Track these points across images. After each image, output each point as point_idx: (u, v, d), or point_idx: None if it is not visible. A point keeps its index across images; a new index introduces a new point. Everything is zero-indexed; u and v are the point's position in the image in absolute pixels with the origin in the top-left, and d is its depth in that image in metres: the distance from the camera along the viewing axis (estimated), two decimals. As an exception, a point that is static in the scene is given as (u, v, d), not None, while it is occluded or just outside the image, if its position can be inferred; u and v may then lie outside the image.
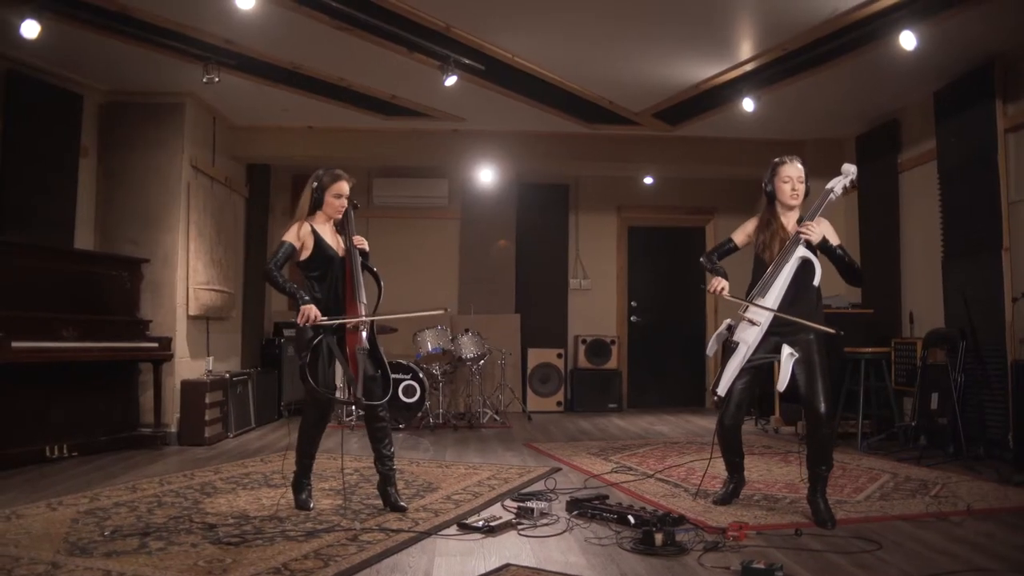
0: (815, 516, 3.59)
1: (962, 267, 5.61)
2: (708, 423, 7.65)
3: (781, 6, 4.72)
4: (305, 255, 3.80)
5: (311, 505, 3.84)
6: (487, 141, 7.56)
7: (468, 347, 7.45)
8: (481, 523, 3.49)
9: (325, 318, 3.69)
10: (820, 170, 7.47)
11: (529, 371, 8.65)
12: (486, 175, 8.22)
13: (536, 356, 8.70)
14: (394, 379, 6.39)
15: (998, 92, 5.30)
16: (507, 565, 2.95)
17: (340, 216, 3.87)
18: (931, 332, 5.66)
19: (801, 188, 3.83)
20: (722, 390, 3.74)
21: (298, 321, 3.68)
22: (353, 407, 6.46)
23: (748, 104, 5.98)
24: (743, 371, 3.75)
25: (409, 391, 7.00)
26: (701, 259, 4.08)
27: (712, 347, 3.95)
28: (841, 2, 4.63)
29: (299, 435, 3.90)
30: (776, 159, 3.91)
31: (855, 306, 6.70)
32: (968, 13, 4.66)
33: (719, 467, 4.15)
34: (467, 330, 7.59)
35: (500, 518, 3.57)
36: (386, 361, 3.88)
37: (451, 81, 5.48)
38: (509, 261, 9.04)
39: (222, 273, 6.80)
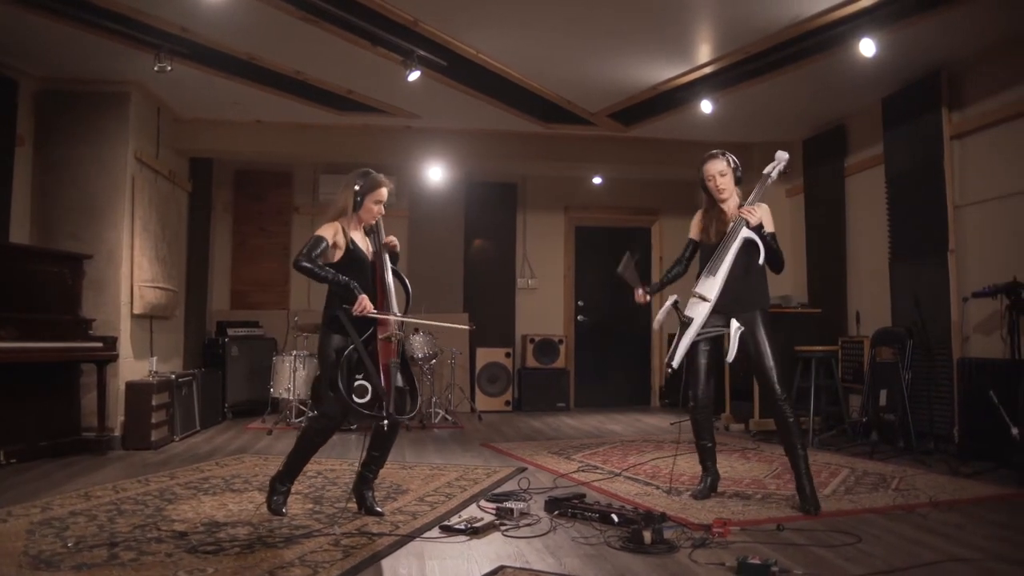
0: (801, 502, 3.71)
1: (909, 268, 5.82)
2: (658, 421, 7.75)
3: (744, 12, 4.81)
4: (337, 256, 3.61)
5: (284, 511, 3.70)
6: (440, 139, 7.48)
7: (420, 347, 7.36)
8: (463, 525, 3.43)
9: (376, 311, 3.52)
10: (768, 173, 7.79)
11: (477, 371, 8.60)
12: (436, 173, 8.14)
13: (484, 356, 8.65)
14: (360, 386, 6.37)
15: (945, 101, 5.53)
16: (502, 567, 2.91)
17: (374, 221, 3.74)
18: (879, 331, 5.86)
19: (724, 180, 3.99)
20: (676, 362, 3.84)
21: (354, 311, 3.46)
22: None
23: (706, 106, 6.08)
24: (699, 343, 3.91)
25: (361, 391, 6.84)
26: (618, 270, 4.24)
27: (657, 321, 4.10)
28: (803, 9, 4.75)
29: (300, 441, 3.70)
30: (704, 155, 4.10)
31: (803, 306, 6.89)
32: (922, 24, 4.85)
33: (685, 464, 4.20)
34: (417, 329, 7.50)
35: (481, 519, 3.52)
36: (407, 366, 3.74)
37: (414, 76, 5.40)
38: (457, 260, 8.98)
39: (166, 271, 6.54)
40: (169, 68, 5.20)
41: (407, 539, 3.29)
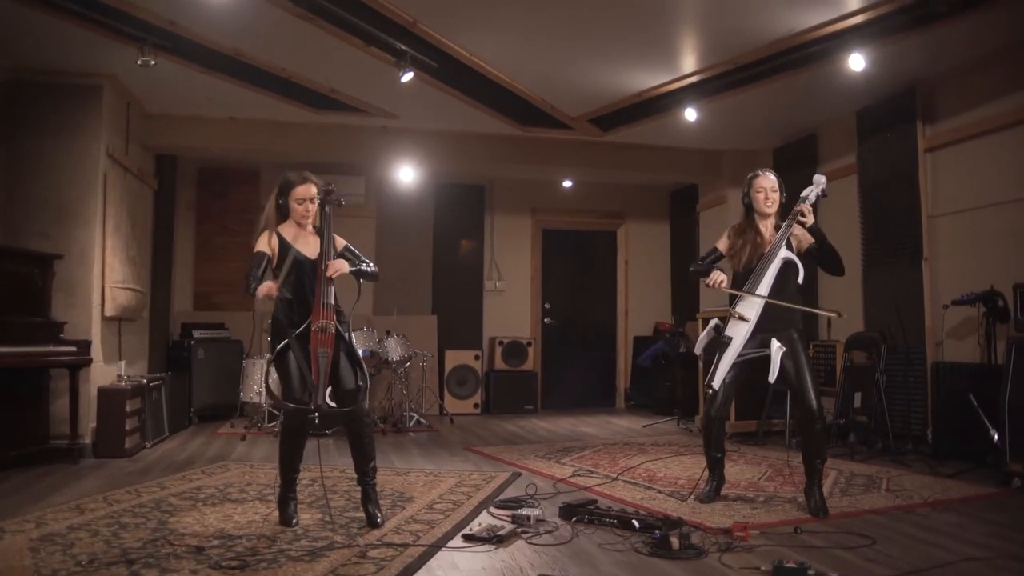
0: (810, 506, 3.81)
1: (882, 275, 6.03)
2: (629, 424, 7.84)
3: (738, 24, 4.90)
4: (276, 262, 3.61)
5: (295, 521, 3.62)
6: (414, 139, 7.40)
7: (394, 349, 7.28)
8: (486, 533, 3.42)
9: (288, 294, 3.55)
10: (739, 180, 7.89)
11: (447, 373, 8.55)
12: (407, 174, 8.05)
13: (453, 358, 8.60)
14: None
15: (919, 115, 5.75)
16: (543, 577, 2.90)
17: (307, 220, 3.68)
18: (853, 335, 6.05)
19: (774, 196, 4.07)
20: (717, 383, 3.87)
21: (257, 294, 3.46)
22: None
23: (691, 114, 6.17)
24: (735, 365, 3.92)
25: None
26: (691, 268, 4.26)
27: (700, 346, 4.07)
28: (796, 23, 4.87)
29: (279, 448, 3.68)
30: (751, 173, 4.19)
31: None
32: (902, 43, 5.03)
33: (679, 468, 4.25)
34: (389, 332, 7.42)
35: (502, 527, 3.50)
36: (364, 368, 3.70)
37: (407, 77, 5.33)
38: (426, 262, 8.92)
39: (136, 271, 6.30)
40: (153, 63, 5.01)
41: (434, 549, 3.26)
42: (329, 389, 3.53)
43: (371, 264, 3.83)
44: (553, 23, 4.93)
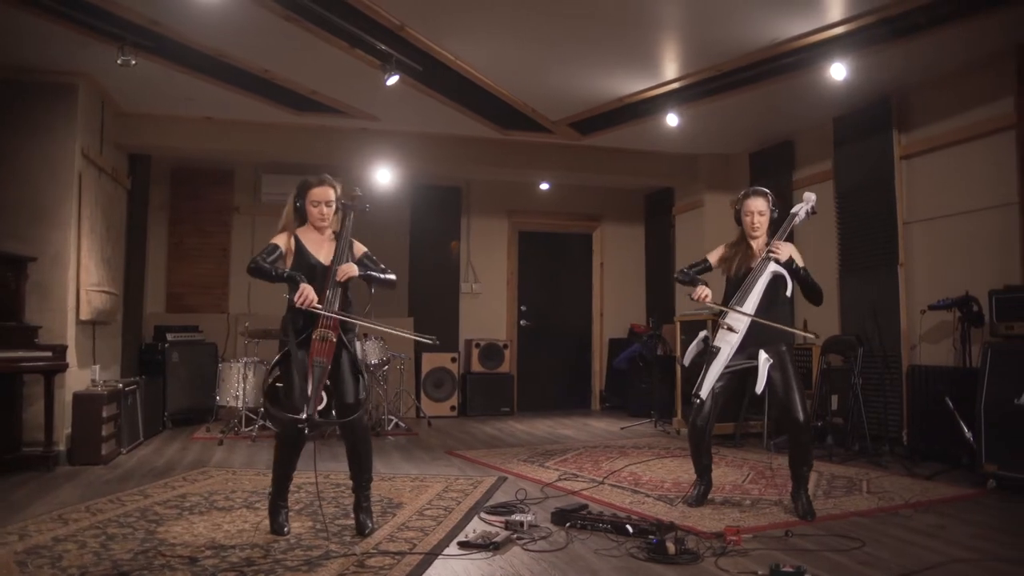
0: (798, 510, 3.88)
1: (858, 280, 6.15)
2: (606, 426, 7.89)
3: (724, 33, 4.96)
4: (289, 262, 3.59)
5: (286, 530, 3.59)
6: (393, 142, 7.36)
7: (372, 353, 7.23)
8: (481, 540, 3.42)
9: (321, 306, 3.44)
10: (715, 184, 8.07)
11: (423, 376, 8.52)
12: (384, 176, 8.00)
13: (430, 360, 8.57)
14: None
15: (895, 123, 5.87)
16: (544, 584, 2.91)
17: (324, 224, 3.64)
18: (830, 339, 6.15)
19: (761, 220, 4.11)
20: (704, 393, 3.90)
21: (295, 300, 3.40)
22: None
23: (672, 119, 6.23)
24: (722, 376, 3.96)
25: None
26: (676, 275, 4.29)
27: (688, 357, 4.10)
28: (781, 32, 4.94)
29: (274, 453, 3.64)
30: (743, 192, 4.22)
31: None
32: (880, 54, 5.13)
33: (663, 471, 4.29)
34: (366, 335, 7.36)
35: (496, 534, 3.51)
36: (365, 379, 3.66)
37: (392, 81, 5.30)
38: (402, 263, 8.87)
39: (111, 273, 6.18)
40: (134, 62, 4.91)
41: (431, 556, 3.25)
42: (325, 401, 3.48)
43: (388, 272, 3.75)
44: (539, 28, 4.94)
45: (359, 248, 3.74)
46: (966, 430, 4.78)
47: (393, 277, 3.76)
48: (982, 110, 5.32)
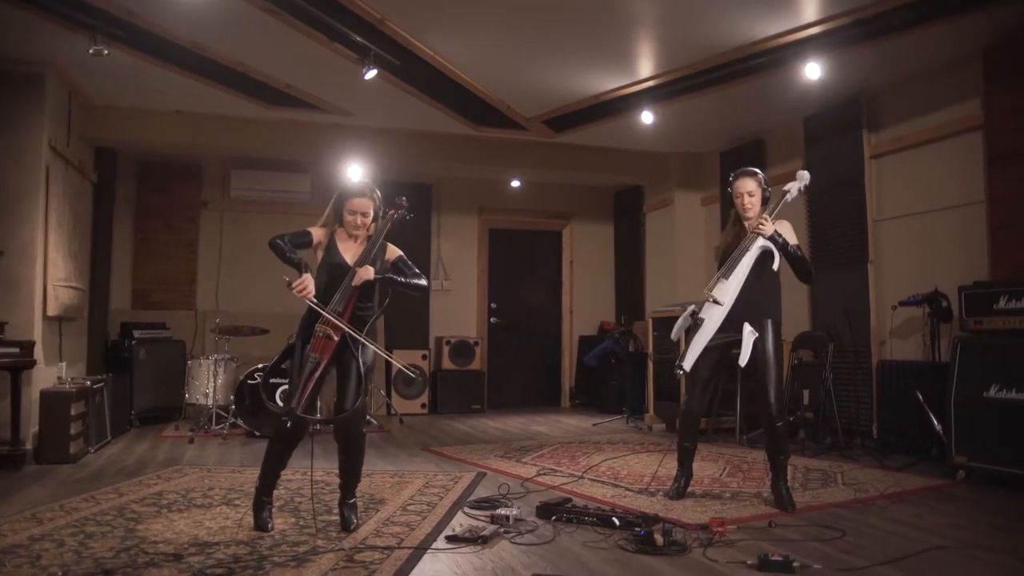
0: (778, 502, 3.94)
1: (829, 277, 6.26)
2: (577, 422, 7.92)
3: (700, 32, 5.02)
4: (319, 256, 3.61)
5: (270, 526, 3.54)
6: (365, 137, 7.30)
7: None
8: (469, 534, 3.41)
9: (318, 302, 3.42)
10: (686, 183, 8.15)
11: (394, 373, 8.47)
12: (354, 171, 7.92)
13: (401, 358, 8.50)
14: (272, 383, 6.12)
15: (864, 122, 5.99)
16: (537, 576, 2.92)
17: (357, 233, 3.61)
18: (801, 335, 6.26)
19: (752, 200, 4.11)
20: (687, 365, 3.94)
21: (292, 285, 3.38)
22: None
23: (647, 117, 6.28)
24: (708, 350, 3.99)
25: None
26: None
27: (676, 332, 4.15)
28: (756, 32, 5.01)
29: (267, 448, 3.58)
30: (732, 174, 4.22)
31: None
32: (851, 54, 5.24)
33: (641, 465, 4.33)
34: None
35: (483, 528, 3.50)
36: (363, 377, 3.61)
37: (371, 75, 5.26)
38: (373, 260, 8.80)
39: (78, 268, 6.04)
40: (106, 52, 4.81)
41: (420, 551, 3.24)
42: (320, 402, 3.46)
43: (419, 278, 3.66)
44: (519, 24, 4.95)
45: (393, 251, 3.69)
46: (936, 423, 4.90)
47: (423, 283, 3.67)
48: (950, 111, 5.45)
